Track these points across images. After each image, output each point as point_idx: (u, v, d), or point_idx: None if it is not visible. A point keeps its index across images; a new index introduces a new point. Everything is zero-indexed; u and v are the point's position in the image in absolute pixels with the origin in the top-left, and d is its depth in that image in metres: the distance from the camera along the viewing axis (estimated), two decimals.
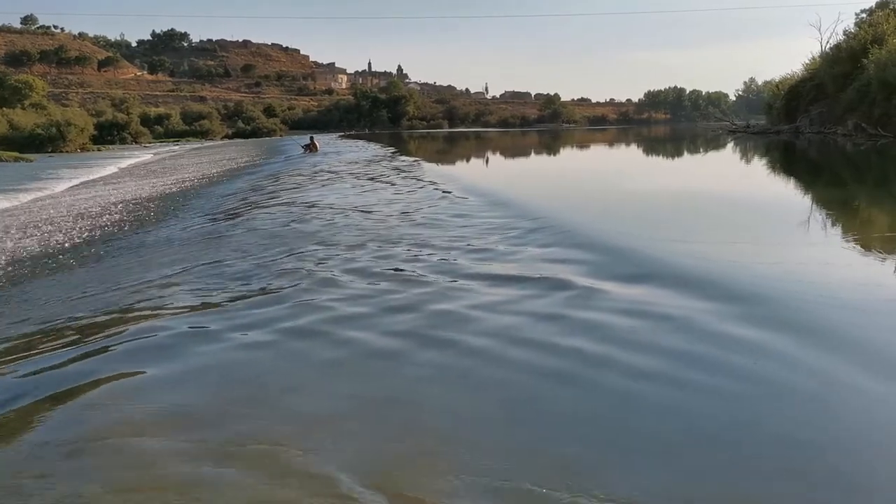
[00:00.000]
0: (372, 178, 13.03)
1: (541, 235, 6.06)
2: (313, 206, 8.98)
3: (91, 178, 25.42)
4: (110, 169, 30.20)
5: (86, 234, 9.42)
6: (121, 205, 13.26)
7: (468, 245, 5.75)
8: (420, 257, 5.30)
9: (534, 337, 3.32)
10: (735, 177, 14.80)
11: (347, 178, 13.29)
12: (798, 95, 35.89)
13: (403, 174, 13.97)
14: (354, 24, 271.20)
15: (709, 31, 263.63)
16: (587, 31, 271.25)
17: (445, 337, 3.37)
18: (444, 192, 9.89)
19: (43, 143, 53.36)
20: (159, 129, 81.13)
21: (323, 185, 11.98)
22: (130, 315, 4.01)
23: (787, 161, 20.35)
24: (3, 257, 7.64)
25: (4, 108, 62.15)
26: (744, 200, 9.76)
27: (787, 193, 11.68)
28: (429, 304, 3.92)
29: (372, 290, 4.31)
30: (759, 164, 19.04)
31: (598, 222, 7.21)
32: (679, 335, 3.29)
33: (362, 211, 8.23)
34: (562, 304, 3.85)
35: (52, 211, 13.12)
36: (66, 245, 8.28)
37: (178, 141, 73.67)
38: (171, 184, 18.32)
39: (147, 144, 67.77)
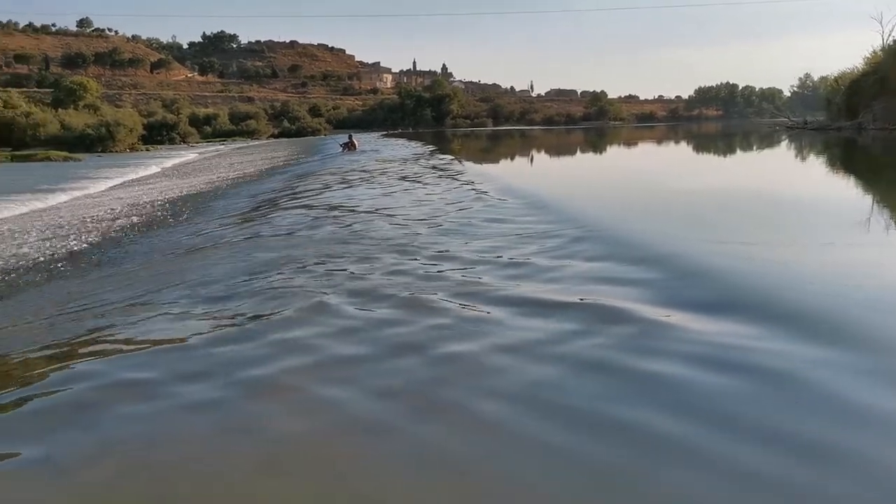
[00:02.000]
0: (404, 178, 12.15)
1: (588, 246, 5.09)
2: (334, 208, 8.16)
3: (132, 177, 25.27)
4: (153, 169, 30.16)
5: (97, 237, 8.81)
6: (147, 206, 12.71)
7: (499, 258, 4.82)
8: (441, 274, 4.39)
9: (574, 403, 2.37)
10: (803, 175, 13.50)
11: (378, 178, 12.45)
12: (859, 90, 34.12)
13: (439, 173, 13.07)
14: (400, 24, 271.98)
15: (762, 25, 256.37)
16: (635, 27, 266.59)
17: (450, 400, 2.45)
18: (479, 192, 8.97)
19: (93, 142, 54.10)
20: (207, 129, 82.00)
21: (351, 186, 11.15)
22: (66, 352, 3.21)
23: (854, 159, 18.82)
24: None
25: (60, 110, 63.37)
26: (822, 202, 8.59)
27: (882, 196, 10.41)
28: (439, 345, 3.00)
29: (372, 320, 3.41)
30: (826, 163, 17.56)
31: (657, 229, 6.14)
32: (791, 406, 2.30)
33: (386, 214, 7.35)
34: (615, 347, 2.89)
35: (81, 212, 12.64)
36: (64, 252, 7.63)
37: (224, 141, 74.27)
38: (205, 183, 17.83)
39: (194, 144, 68.39)
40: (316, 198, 9.65)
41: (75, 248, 7.96)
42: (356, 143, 27.62)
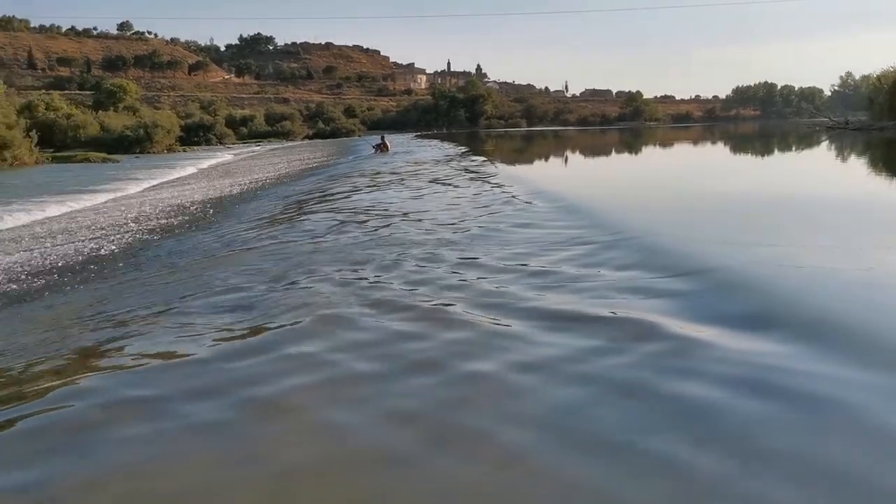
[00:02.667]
0: (434, 180, 12.00)
1: (620, 253, 4.88)
2: (361, 212, 8.04)
3: (168, 178, 25.59)
4: (189, 170, 30.54)
5: (129, 240, 8.82)
6: (179, 208, 12.77)
7: (526, 266, 4.63)
8: (464, 283, 4.22)
9: (603, 433, 2.18)
10: (846, 177, 13.03)
11: (408, 180, 12.32)
12: None
13: (470, 175, 12.91)
14: (434, 25, 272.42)
15: (803, 23, 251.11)
16: (671, 26, 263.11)
17: (469, 427, 2.27)
18: (510, 195, 8.78)
19: (131, 144, 55.11)
20: (244, 131, 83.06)
21: (379, 188, 11.04)
22: (71, 365, 3.12)
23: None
24: (23, 268, 7.02)
25: (101, 112, 64.65)
26: (870, 204, 8.21)
27: None
28: (459, 362, 2.83)
29: (390, 333, 3.25)
30: (869, 164, 16.96)
31: (692, 235, 5.88)
32: (844, 440, 2.08)
33: (413, 219, 7.21)
34: (646, 367, 2.69)
35: (114, 214, 12.76)
36: (92, 255, 7.63)
37: (260, 142, 75.09)
38: (238, 185, 17.93)
39: (230, 145, 69.25)
40: (344, 201, 9.55)
41: (103, 252, 7.97)
42: (388, 144, 27.58)
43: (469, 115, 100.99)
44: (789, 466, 1.94)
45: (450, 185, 10.99)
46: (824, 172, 14.77)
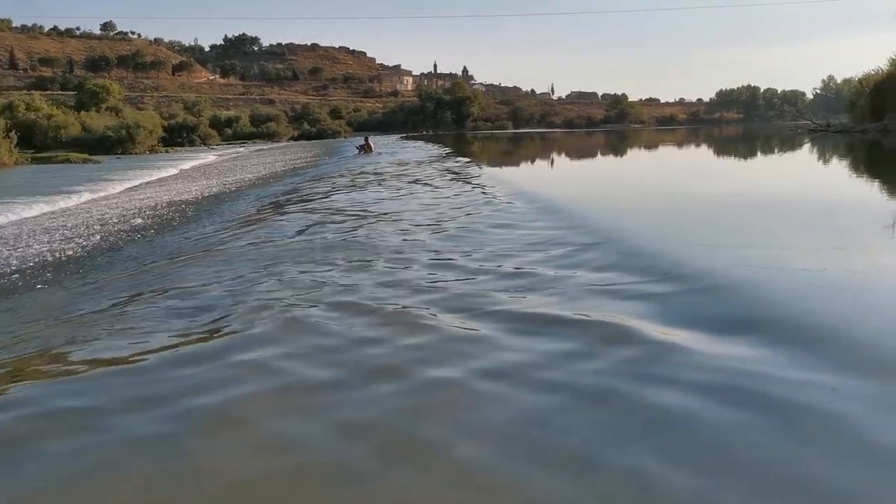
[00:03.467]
0: (416, 181, 11.84)
1: (597, 254, 4.74)
2: (338, 211, 7.87)
3: (149, 179, 25.24)
4: (170, 171, 30.19)
5: (99, 242, 8.59)
6: (155, 209, 12.54)
7: (502, 267, 4.48)
8: (436, 284, 4.06)
9: (569, 446, 2.02)
10: (827, 179, 12.99)
11: (390, 181, 12.15)
12: (885, 92, 33.32)
13: (452, 176, 12.76)
14: (421, 27, 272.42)
15: (785, 27, 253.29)
16: (656, 30, 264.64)
17: (428, 439, 2.10)
18: (489, 196, 8.64)
19: (113, 144, 54.48)
20: (228, 132, 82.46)
21: (360, 189, 10.86)
22: (5, 374, 2.91)
23: (880, 162, 18.20)
24: None
25: (83, 112, 63.89)
26: (851, 206, 8.13)
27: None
28: (421, 369, 2.67)
29: (352, 338, 3.08)
30: (851, 166, 16.97)
31: (672, 236, 5.75)
32: (822, 450, 1.95)
33: (390, 219, 7.04)
34: (619, 373, 2.54)
35: (89, 215, 12.50)
36: (60, 258, 7.40)
37: (244, 143, 74.55)
38: (218, 186, 17.69)
39: (214, 146, 68.66)
40: (322, 201, 9.37)
41: (71, 254, 7.74)
42: (372, 145, 27.37)
43: (455, 116, 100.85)
44: (765, 481, 1.80)
45: (431, 185, 10.84)
46: (806, 175, 14.74)
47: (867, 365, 2.53)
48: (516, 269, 4.42)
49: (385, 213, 7.47)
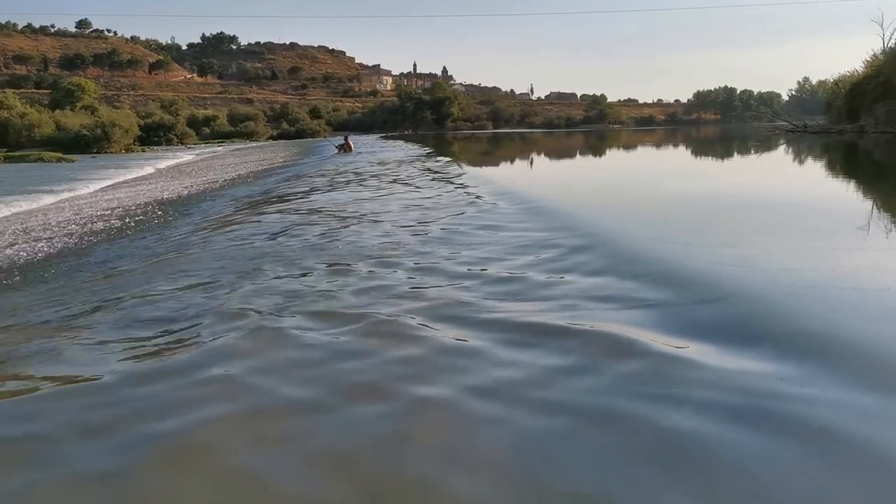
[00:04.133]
0: (396, 180, 11.58)
1: (589, 257, 4.52)
2: (317, 212, 7.59)
3: (123, 179, 24.76)
4: (147, 170, 29.70)
5: (64, 245, 8.25)
6: (127, 210, 12.17)
7: (488, 272, 4.25)
8: (419, 291, 3.82)
9: (572, 481, 1.79)
10: (818, 179, 12.93)
11: (370, 180, 11.87)
12: (861, 93, 33.72)
13: (433, 176, 12.52)
14: (400, 26, 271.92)
15: (761, 29, 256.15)
16: (634, 31, 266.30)
17: (414, 475, 1.86)
18: (473, 196, 8.41)
19: (88, 143, 53.67)
20: (206, 131, 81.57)
21: (339, 189, 10.57)
22: None
23: (859, 163, 18.23)
24: None
25: (57, 111, 62.81)
26: (840, 206, 8.00)
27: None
28: (407, 387, 2.43)
29: (330, 351, 2.83)
30: (837, 167, 16.96)
31: (668, 237, 5.55)
32: (842, 476, 1.74)
33: (371, 220, 6.79)
34: (624, 391, 2.32)
35: (57, 216, 12.09)
36: (21, 262, 7.05)
37: (222, 142, 73.79)
38: (194, 185, 17.33)
39: (192, 146, 67.84)
40: (300, 202, 9.08)
41: (38, 258, 7.40)
42: (352, 144, 27.05)
43: (435, 116, 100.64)
44: None
45: (412, 186, 10.58)
46: (797, 175, 14.65)
47: (885, 379, 2.33)
48: (505, 273, 4.19)
49: (365, 215, 7.21)
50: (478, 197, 8.32)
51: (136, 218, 10.54)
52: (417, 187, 10.27)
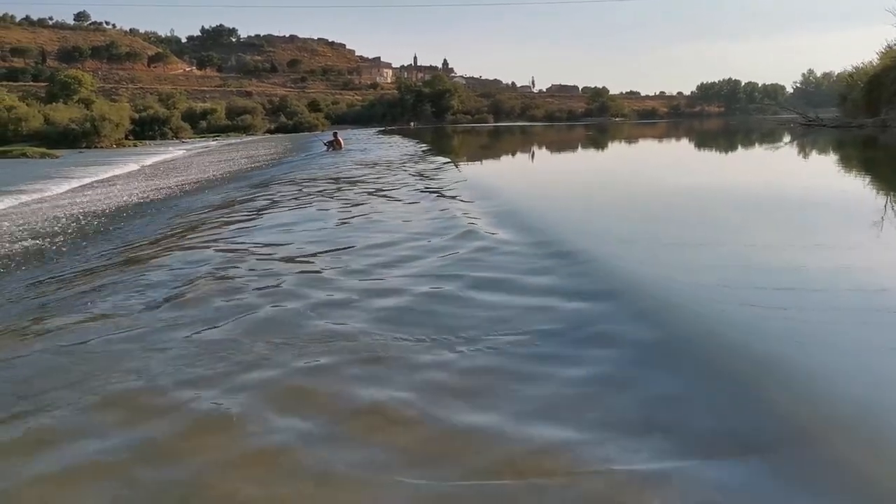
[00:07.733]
0: (376, 191, 9.44)
1: (666, 375, 2.44)
2: (244, 252, 5.38)
3: (102, 177, 23.07)
4: (130, 167, 27.99)
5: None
6: (71, 220, 10.20)
7: (500, 397, 2.17)
8: (397, 423, 1.74)
9: None
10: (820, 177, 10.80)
11: (345, 191, 9.69)
12: (880, 86, 31.57)
13: (424, 182, 10.39)
14: (400, 19, 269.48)
15: (765, 20, 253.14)
16: (637, 22, 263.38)
17: None
18: (470, 221, 6.28)
19: (77, 138, 52.18)
20: (203, 125, 79.72)
21: (301, 205, 8.31)
22: None
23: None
24: None
25: (48, 105, 60.96)
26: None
27: None
28: None
29: None
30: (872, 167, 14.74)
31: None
32: None
33: (311, 271, 4.62)
34: None
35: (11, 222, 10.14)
36: None
37: (217, 136, 72.05)
38: (161, 188, 15.44)
39: (186, 140, 66.10)
40: (234, 228, 6.80)
41: None
42: (341, 141, 24.95)
43: (435, 109, 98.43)
44: None
45: (393, 199, 8.44)
46: (822, 174, 12.44)
47: None
48: (541, 432, 2.11)
49: (308, 258, 5.02)
50: (474, 223, 6.19)
51: (56, 239, 8.51)
52: (399, 201, 8.16)
